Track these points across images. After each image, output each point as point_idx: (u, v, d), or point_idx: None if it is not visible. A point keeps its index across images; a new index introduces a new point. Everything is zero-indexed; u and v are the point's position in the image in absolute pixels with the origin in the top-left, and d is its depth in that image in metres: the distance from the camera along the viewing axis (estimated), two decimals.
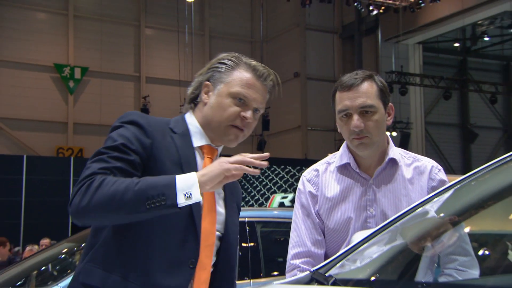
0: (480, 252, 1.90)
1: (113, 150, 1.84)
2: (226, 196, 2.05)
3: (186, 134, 1.99)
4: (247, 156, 1.80)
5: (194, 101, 2.08)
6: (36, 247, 9.53)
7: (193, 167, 1.93)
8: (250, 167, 1.82)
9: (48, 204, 14.97)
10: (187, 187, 1.75)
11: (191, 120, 2.04)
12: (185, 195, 1.74)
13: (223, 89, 1.99)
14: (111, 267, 1.83)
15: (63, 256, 4.89)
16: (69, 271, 4.25)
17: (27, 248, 9.51)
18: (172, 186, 1.74)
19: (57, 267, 4.81)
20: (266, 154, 1.84)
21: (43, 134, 19.42)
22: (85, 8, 20.52)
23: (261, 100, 2.01)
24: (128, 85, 20.91)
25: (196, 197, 1.76)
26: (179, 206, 1.74)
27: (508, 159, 1.75)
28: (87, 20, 20.37)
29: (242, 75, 2.00)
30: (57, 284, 3.90)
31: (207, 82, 2.03)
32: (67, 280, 3.84)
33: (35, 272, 4.73)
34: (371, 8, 17.74)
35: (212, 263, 1.96)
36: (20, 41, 19.35)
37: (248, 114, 1.97)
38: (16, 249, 11.58)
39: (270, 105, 12.26)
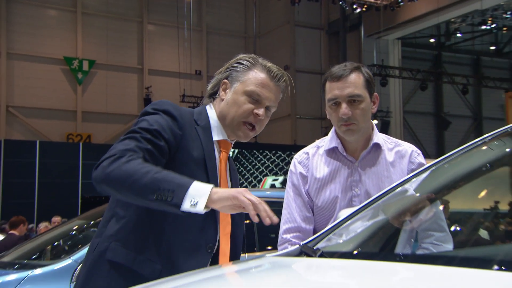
0: (453, 228, 1.93)
1: (146, 132, 1.80)
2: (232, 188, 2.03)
3: (207, 128, 1.97)
4: (263, 205, 1.66)
5: (213, 96, 2.06)
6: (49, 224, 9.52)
7: (213, 161, 1.92)
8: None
9: (59, 185, 14.98)
10: (197, 195, 1.64)
11: (212, 114, 2.01)
12: (191, 201, 1.64)
13: (239, 87, 1.97)
14: (136, 247, 1.81)
15: (74, 232, 4.88)
16: (80, 246, 4.24)
17: (43, 225, 9.50)
18: (185, 188, 1.64)
19: (69, 242, 4.80)
20: (276, 220, 1.70)
21: (54, 121, 19.34)
22: (92, 5, 20.36)
23: (274, 99, 2.00)
24: (132, 76, 20.81)
25: (200, 208, 1.64)
26: (181, 209, 1.64)
27: (477, 143, 1.77)
28: (94, 17, 20.22)
29: (257, 75, 1.98)
30: (69, 257, 3.88)
31: (225, 80, 2.01)
32: (79, 254, 3.84)
33: (49, 246, 4.73)
34: (354, 6, 17.72)
35: None
36: (33, 36, 19.20)
37: (261, 111, 1.97)
38: (30, 226, 11.55)
39: None
